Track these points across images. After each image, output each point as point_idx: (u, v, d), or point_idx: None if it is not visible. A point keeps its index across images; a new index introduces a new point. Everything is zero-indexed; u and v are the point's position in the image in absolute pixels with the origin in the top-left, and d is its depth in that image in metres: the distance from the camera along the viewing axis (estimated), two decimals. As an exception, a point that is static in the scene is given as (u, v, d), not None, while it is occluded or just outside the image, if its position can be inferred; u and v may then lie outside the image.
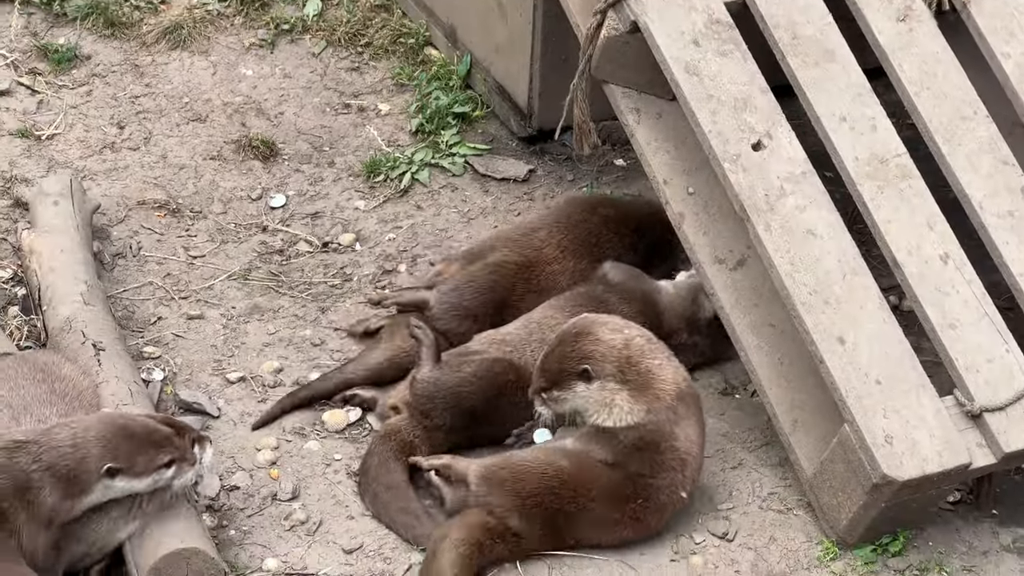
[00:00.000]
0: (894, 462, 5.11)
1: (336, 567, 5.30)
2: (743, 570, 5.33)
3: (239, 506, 5.48)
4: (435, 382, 5.63)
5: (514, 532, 5.22)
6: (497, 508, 5.22)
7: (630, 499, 5.24)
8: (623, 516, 5.26)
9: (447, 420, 5.62)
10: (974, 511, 5.57)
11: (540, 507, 5.22)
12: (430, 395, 5.62)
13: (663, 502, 5.28)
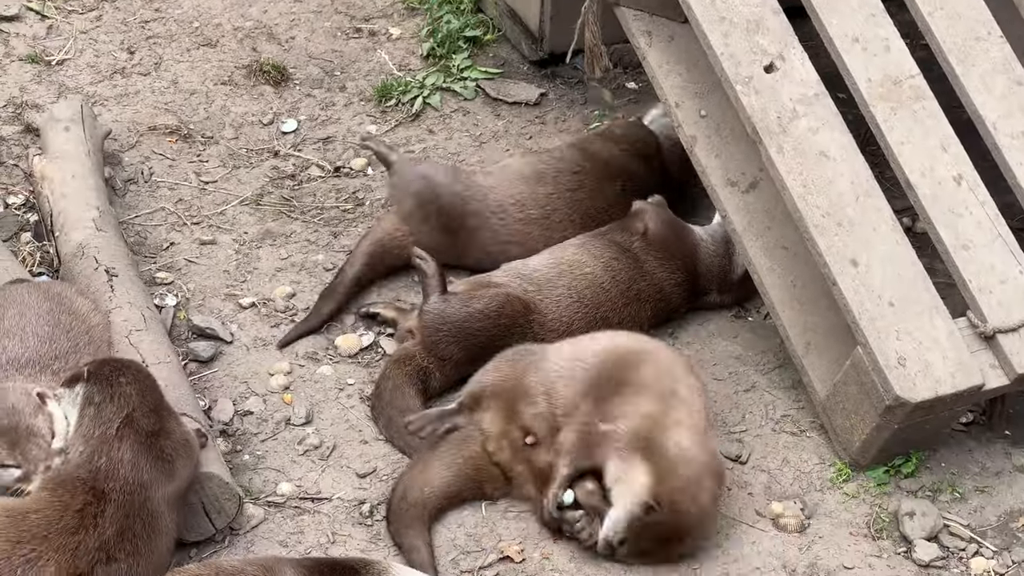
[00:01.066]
0: (907, 384, 5.11)
1: (350, 491, 5.32)
2: (756, 492, 5.35)
3: (253, 431, 5.50)
4: (441, 314, 5.63)
5: None
6: None
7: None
8: None
9: (454, 353, 5.62)
10: (987, 432, 5.57)
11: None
12: (436, 327, 5.62)
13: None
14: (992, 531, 5.26)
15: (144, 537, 4.69)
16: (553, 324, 5.66)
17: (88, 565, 4.57)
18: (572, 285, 5.69)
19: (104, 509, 4.63)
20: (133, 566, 4.65)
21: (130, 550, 4.65)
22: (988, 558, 5.17)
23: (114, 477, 4.68)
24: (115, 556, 4.62)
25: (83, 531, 4.58)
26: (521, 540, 5.17)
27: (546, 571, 5.08)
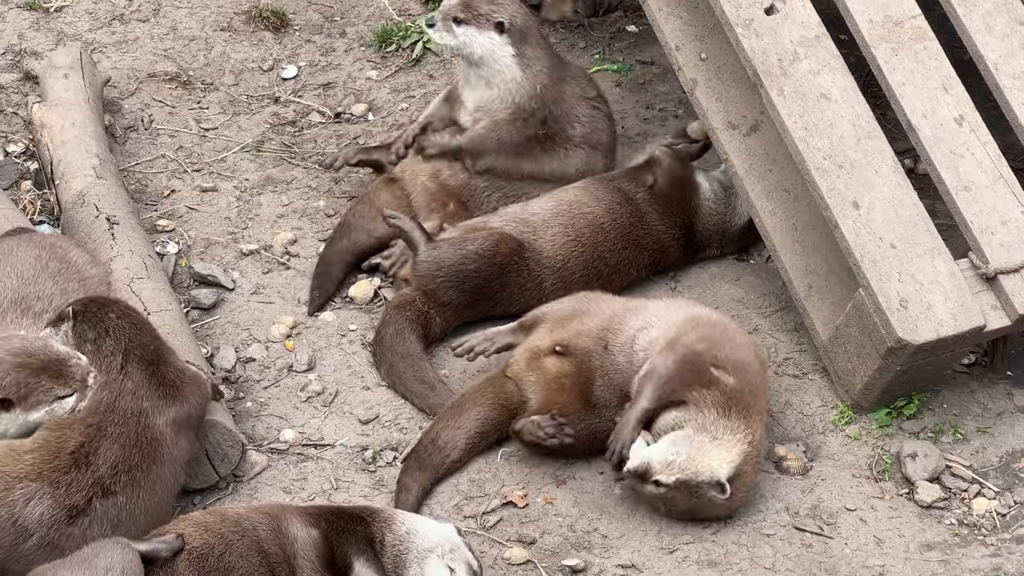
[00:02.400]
0: (909, 326, 5.11)
1: (352, 437, 5.33)
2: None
3: (255, 378, 5.51)
4: (435, 261, 5.62)
5: None
6: None
7: None
8: None
9: (453, 298, 5.62)
10: (989, 373, 5.58)
11: None
12: (432, 275, 5.61)
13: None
14: (994, 472, 5.27)
15: (143, 468, 4.71)
16: (548, 262, 5.67)
17: (84, 500, 4.60)
18: (570, 224, 5.69)
19: (98, 446, 4.65)
20: (132, 498, 4.68)
21: (127, 482, 4.67)
22: (990, 499, 5.19)
23: (114, 410, 4.70)
24: (112, 489, 4.65)
25: (75, 470, 4.61)
26: (524, 485, 5.18)
27: (549, 516, 5.09)
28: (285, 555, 4.61)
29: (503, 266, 5.63)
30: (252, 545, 4.58)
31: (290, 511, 4.73)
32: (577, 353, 5.27)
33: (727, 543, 5.04)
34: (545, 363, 5.29)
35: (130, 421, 4.72)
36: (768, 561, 4.99)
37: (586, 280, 5.66)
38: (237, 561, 4.55)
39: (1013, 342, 5.56)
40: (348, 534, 4.70)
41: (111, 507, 4.65)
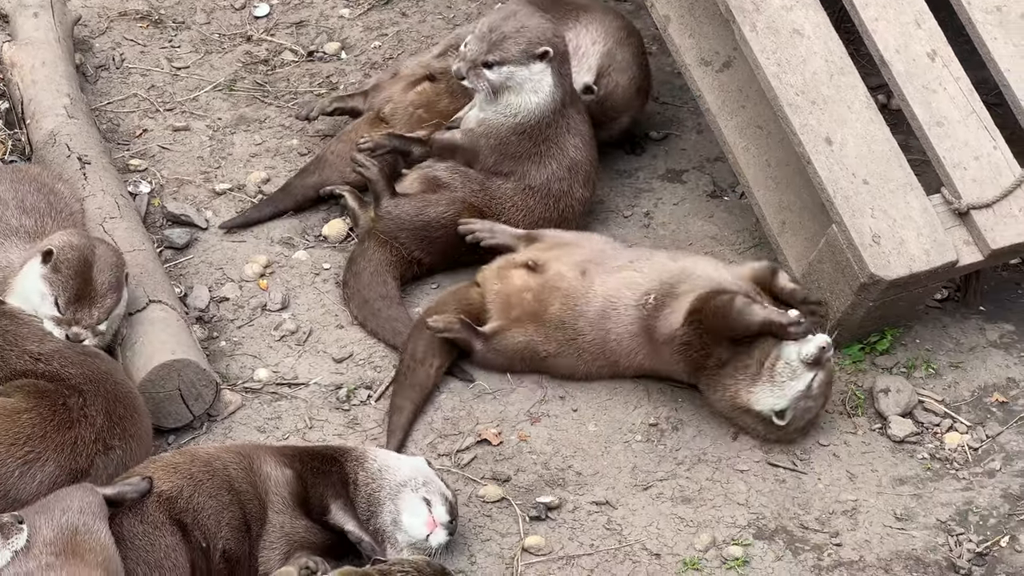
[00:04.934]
0: (881, 261, 5.12)
1: (326, 376, 5.33)
2: (731, 371, 5.37)
3: (229, 317, 5.50)
4: (397, 220, 5.60)
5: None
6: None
7: None
8: None
9: (419, 256, 5.62)
10: (961, 308, 5.59)
11: None
12: (394, 232, 5.59)
13: None
14: (966, 406, 5.29)
15: (130, 418, 4.71)
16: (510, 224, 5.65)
17: (87, 460, 4.59)
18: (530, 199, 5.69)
19: (86, 400, 4.64)
20: (128, 451, 4.68)
21: (121, 434, 4.67)
22: (962, 433, 5.21)
23: (80, 365, 4.71)
24: (111, 444, 4.64)
25: (78, 425, 4.60)
26: (498, 423, 5.20)
27: (523, 453, 5.11)
28: (257, 493, 4.62)
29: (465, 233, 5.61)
30: (222, 484, 4.59)
31: (263, 450, 4.74)
32: (548, 273, 5.28)
33: (701, 479, 5.06)
34: (512, 274, 5.33)
35: (101, 379, 4.72)
36: (742, 497, 5.02)
37: None
38: (207, 501, 4.55)
39: (985, 277, 5.58)
40: (323, 475, 4.71)
41: (110, 462, 4.65)
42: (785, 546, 4.89)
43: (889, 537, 4.91)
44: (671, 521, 4.94)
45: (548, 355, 5.27)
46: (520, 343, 5.28)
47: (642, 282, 5.21)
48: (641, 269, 5.25)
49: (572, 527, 4.91)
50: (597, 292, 5.23)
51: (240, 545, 4.60)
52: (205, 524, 4.54)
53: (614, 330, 5.21)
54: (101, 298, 4.94)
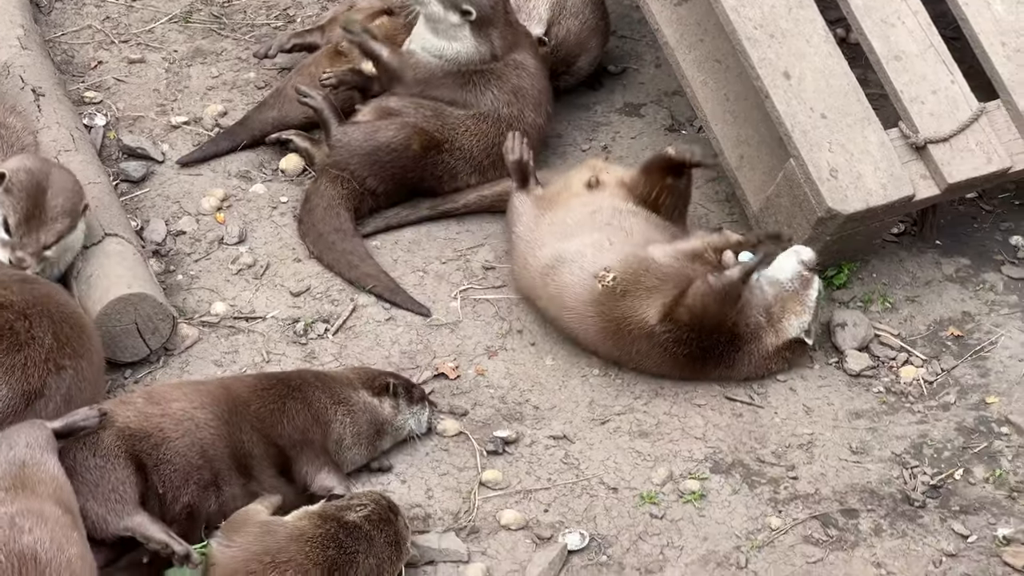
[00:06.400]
0: (839, 195, 5.12)
1: (284, 309, 5.32)
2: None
3: (186, 251, 5.48)
4: (347, 147, 5.58)
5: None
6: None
7: None
8: None
9: (373, 184, 5.59)
10: (918, 242, 5.61)
11: None
12: (345, 160, 5.56)
13: None
14: (922, 340, 5.32)
15: (78, 338, 4.68)
16: (461, 154, 5.64)
17: (40, 380, 4.57)
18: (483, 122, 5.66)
19: (32, 323, 4.61)
20: (79, 369, 4.65)
21: (71, 353, 4.65)
22: (917, 366, 5.24)
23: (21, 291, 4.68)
24: (62, 364, 4.62)
25: (26, 347, 4.57)
26: (456, 357, 5.20)
27: (480, 388, 5.12)
28: (235, 458, 4.64)
29: (417, 159, 5.59)
30: (193, 446, 4.56)
31: (246, 418, 4.73)
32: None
33: (658, 413, 5.08)
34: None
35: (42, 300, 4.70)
36: (699, 431, 5.04)
37: (499, 171, 5.62)
38: (173, 457, 4.53)
39: (942, 211, 5.60)
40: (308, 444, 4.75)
41: (63, 381, 4.63)
42: (742, 480, 4.91)
43: (844, 470, 4.94)
44: (628, 455, 4.96)
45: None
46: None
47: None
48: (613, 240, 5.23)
49: (529, 461, 4.93)
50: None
51: (206, 502, 4.59)
52: (169, 477, 4.52)
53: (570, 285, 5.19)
54: (52, 222, 4.91)
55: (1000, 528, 4.78)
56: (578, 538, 4.71)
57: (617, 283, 5.06)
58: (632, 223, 5.24)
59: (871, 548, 4.73)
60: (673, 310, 5.03)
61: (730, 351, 5.11)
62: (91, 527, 4.41)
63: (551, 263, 5.17)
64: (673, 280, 5.06)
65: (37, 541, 4.10)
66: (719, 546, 4.74)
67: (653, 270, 5.08)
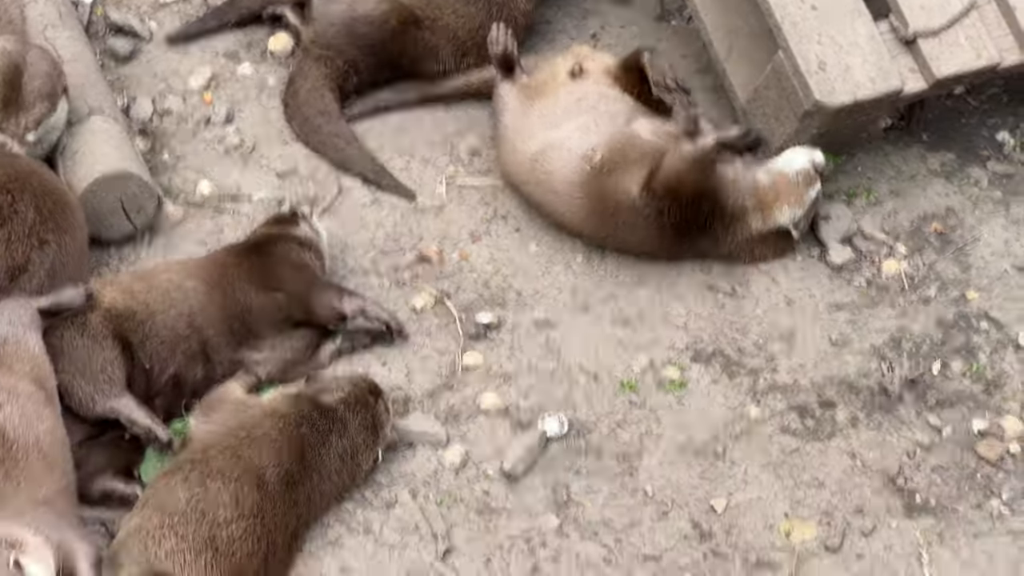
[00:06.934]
0: (826, 88, 5.11)
1: (270, 190, 5.32)
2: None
3: (172, 130, 5.46)
4: (326, 16, 5.53)
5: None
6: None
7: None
8: None
9: (353, 55, 5.53)
10: (904, 137, 5.60)
11: None
12: (325, 31, 5.51)
13: None
14: (905, 234, 5.33)
15: (61, 212, 4.70)
16: (444, 32, 5.60)
17: (23, 255, 4.58)
18: None
19: (15, 197, 4.62)
20: (62, 244, 4.66)
21: (54, 228, 4.66)
22: (899, 260, 5.25)
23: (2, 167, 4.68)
24: (45, 239, 4.63)
25: (9, 222, 4.58)
26: (440, 241, 5.21)
27: (463, 272, 5.13)
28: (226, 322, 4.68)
29: (399, 33, 5.54)
30: (180, 316, 4.64)
31: (238, 277, 4.76)
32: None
33: (641, 302, 5.10)
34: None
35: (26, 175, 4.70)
36: (680, 320, 5.06)
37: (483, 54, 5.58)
38: (160, 330, 4.60)
39: (930, 106, 5.58)
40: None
41: (46, 257, 4.64)
42: (722, 369, 4.95)
43: (823, 362, 4.98)
44: (609, 342, 4.99)
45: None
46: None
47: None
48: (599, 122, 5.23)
49: (511, 346, 4.96)
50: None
51: (192, 371, 4.65)
52: (155, 351, 4.58)
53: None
54: (30, 106, 4.90)
55: (975, 422, 4.82)
56: (557, 424, 4.75)
57: (604, 162, 5.07)
58: (617, 107, 5.26)
59: (847, 439, 4.79)
60: (650, 180, 5.05)
61: (713, 224, 5.13)
62: (77, 406, 4.47)
63: (540, 151, 5.17)
64: (654, 154, 5.09)
65: (6, 418, 4.16)
66: (697, 435, 4.79)
67: (637, 145, 5.12)
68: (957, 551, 4.53)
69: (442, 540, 4.49)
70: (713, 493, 4.66)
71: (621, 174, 5.07)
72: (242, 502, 4.21)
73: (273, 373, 4.76)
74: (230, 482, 4.23)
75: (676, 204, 5.06)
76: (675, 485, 4.67)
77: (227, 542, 4.15)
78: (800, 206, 5.13)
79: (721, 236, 5.14)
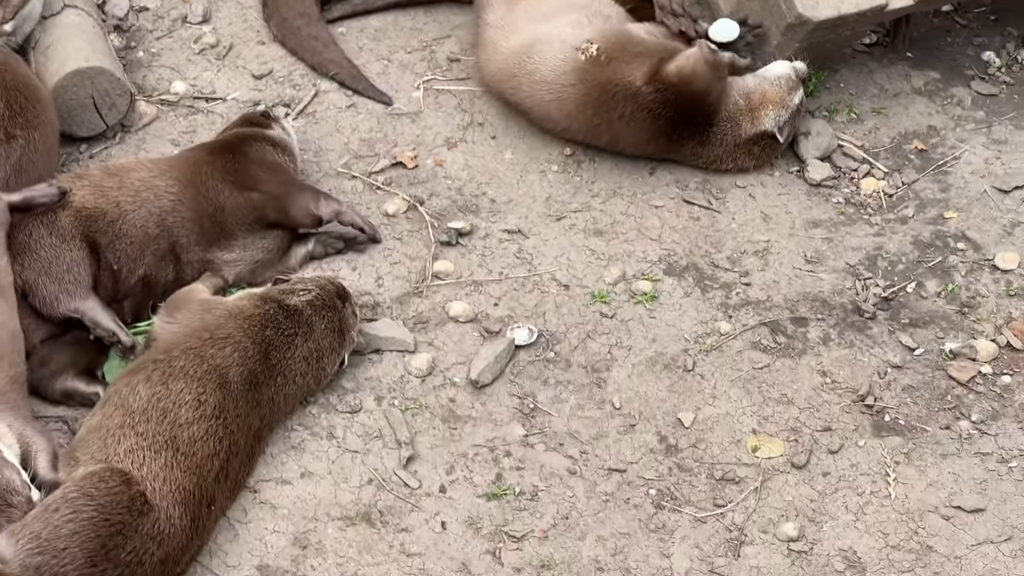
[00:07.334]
0: (810, 2, 5.05)
1: (245, 92, 5.27)
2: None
3: (148, 27, 5.40)
4: None
5: None
6: None
7: None
8: None
9: None
10: (889, 54, 5.55)
11: None
12: None
13: None
14: (885, 152, 5.28)
15: (32, 108, 4.65)
16: None
17: None
18: None
19: None
20: (30, 140, 4.63)
21: (23, 124, 4.61)
22: (879, 179, 5.21)
23: None
24: (12, 133, 4.59)
25: None
26: (415, 147, 5.17)
27: (438, 178, 5.09)
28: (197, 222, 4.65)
29: None
30: (151, 215, 4.59)
31: (214, 173, 4.72)
32: None
33: (615, 212, 5.06)
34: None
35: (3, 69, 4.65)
36: (655, 232, 5.03)
37: None
38: (129, 230, 4.56)
39: (916, 23, 5.52)
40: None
41: (13, 151, 4.59)
42: (694, 283, 4.92)
43: (797, 278, 4.95)
44: (582, 253, 4.95)
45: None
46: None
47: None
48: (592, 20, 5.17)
49: (482, 254, 4.92)
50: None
51: (162, 272, 4.62)
52: (124, 251, 4.54)
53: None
54: None
55: (948, 342, 4.80)
56: (526, 333, 4.73)
57: (601, 52, 5.03)
58: (610, 10, 5.24)
59: (818, 356, 4.76)
60: (660, 69, 5.03)
61: (707, 125, 5.10)
62: (41, 305, 4.45)
63: (527, 44, 5.12)
64: (657, 49, 5.09)
65: None
66: (667, 348, 4.76)
67: (636, 41, 5.11)
68: (924, 471, 4.52)
69: (405, 447, 4.47)
70: (681, 407, 4.63)
71: (622, 64, 5.03)
72: (204, 402, 4.18)
73: (243, 274, 4.73)
74: (193, 382, 4.20)
75: (682, 97, 5.04)
76: (643, 398, 4.65)
77: (188, 442, 4.12)
78: (785, 109, 5.10)
79: (712, 138, 5.10)
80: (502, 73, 5.19)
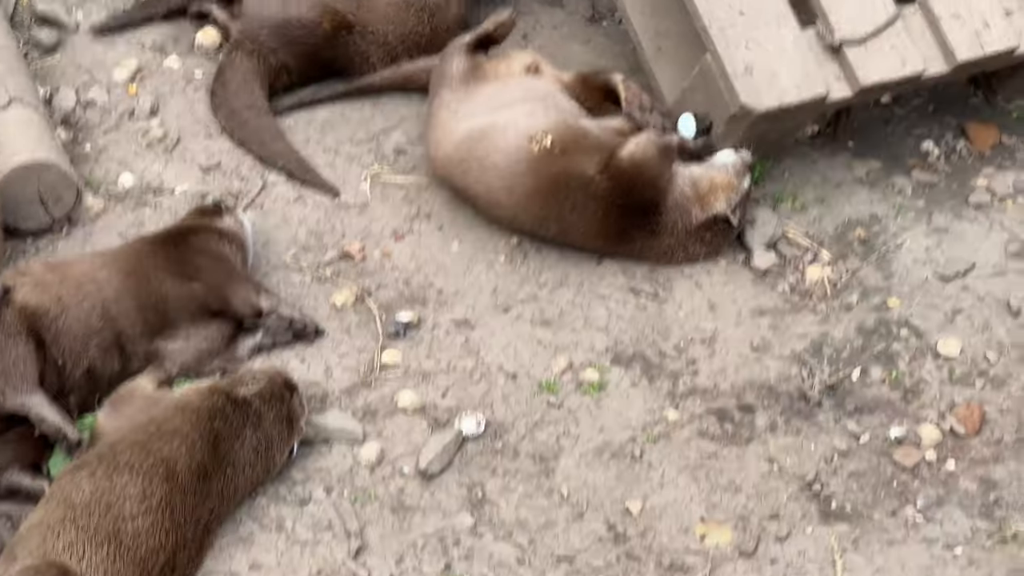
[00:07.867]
0: (753, 92, 5.11)
1: (193, 184, 5.28)
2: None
3: (95, 121, 5.42)
4: (258, 16, 5.50)
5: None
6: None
7: None
8: None
9: (285, 58, 5.51)
10: (831, 144, 5.61)
11: None
12: (255, 30, 5.48)
13: None
14: (829, 240, 5.33)
15: None
16: (373, 38, 5.56)
17: None
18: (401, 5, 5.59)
19: None
20: None
21: None
22: (823, 267, 5.26)
23: None
24: None
25: None
26: (363, 238, 5.19)
27: (386, 269, 5.11)
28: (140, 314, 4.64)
29: (328, 38, 5.52)
30: (94, 308, 4.60)
31: (157, 268, 4.72)
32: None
33: (562, 303, 5.09)
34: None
35: None
36: (602, 322, 5.05)
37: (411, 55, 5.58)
38: (72, 324, 4.56)
39: (856, 114, 5.60)
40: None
41: None
42: (642, 372, 4.94)
43: (744, 367, 4.98)
44: (529, 343, 4.97)
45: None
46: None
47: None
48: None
49: (430, 345, 4.94)
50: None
51: (107, 364, 4.62)
52: (68, 346, 4.54)
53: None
54: None
55: (893, 429, 4.83)
56: (474, 424, 4.74)
57: (555, 144, 5.07)
58: (567, 105, 5.27)
59: (764, 444, 4.78)
60: (612, 159, 5.08)
61: (656, 215, 5.14)
62: None
63: (479, 130, 5.13)
64: (610, 143, 5.14)
65: None
66: (615, 436, 4.77)
67: (590, 136, 5.14)
68: (871, 558, 4.53)
69: (355, 538, 4.46)
70: (629, 495, 4.64)
71: (576, 156, 5.07)
72: (150, 495, 4.16)
73: (189, 363, 4.73)
74: (138, 475, 4.19)
75: (633, 184, 5.08)
76: (591, 486, 4.66)
77: (132, 535, 4.10)
78: (736, 192, 5.15)
79: (662, 228, 5.13)
80: (452, 157, 5.22)
